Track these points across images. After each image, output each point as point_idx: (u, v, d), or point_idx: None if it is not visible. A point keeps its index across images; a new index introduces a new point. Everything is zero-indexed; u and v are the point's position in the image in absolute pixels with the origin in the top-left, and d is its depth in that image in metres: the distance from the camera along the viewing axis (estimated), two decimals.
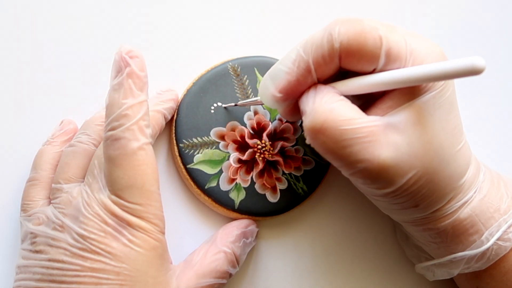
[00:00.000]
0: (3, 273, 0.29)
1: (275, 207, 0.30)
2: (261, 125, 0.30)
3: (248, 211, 0.29)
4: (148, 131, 0.24)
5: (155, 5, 0.32)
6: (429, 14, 0.34)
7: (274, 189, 0.30)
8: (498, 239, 0.24)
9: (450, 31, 0.34)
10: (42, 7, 0.32)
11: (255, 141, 0.30)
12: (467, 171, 0.25)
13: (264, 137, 0.30)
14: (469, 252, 0.25)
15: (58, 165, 0.28)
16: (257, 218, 0.30)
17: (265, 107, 0.30)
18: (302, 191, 0.30)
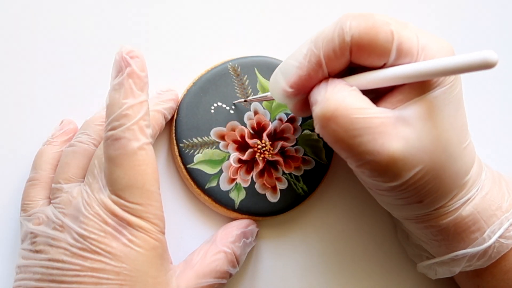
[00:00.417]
0: (3, 273, 0.29)
1: (275, 207, 0.30)
2: (261, 125, 0.30)
3: (248, 211, 0.29)
4: (149, 131, 0.24)
5: (155, 5, 0.32)
6: (433, 14, 0.34)
7: (274, 189, 0.30)
8: (500, 236, 0.24)
9: (454, 31, 0.34)
10: (42, 7, 0.32)
11: (255, 141, 0.30)
12: (471, 169, 0.25)
13: (264, 137, 0.30)
14: (470, 250, 0.25)
15: (58, 165, 0.28)
16: (257, 218, 0.30)
17: (265, 106, 0.30)
18: (302, 191, 0.30)
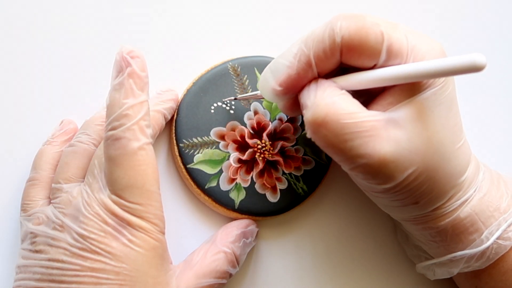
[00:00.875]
0: (3, 273, 0.29)
1: (275, 207, 0.30)
2: (261, 125, 0.30)
3: (248, 211, 0.29)
4: (149, 131, 0.24)
5: (155, 5, 0.32)
6: (429, 11, 0.34)
7: (274, 189, 0.30)
8: (498, 238, 0.24)
9: (450, 28, 0.34)
10: (42, 7, 0.32)
11: (255, 141, 0.30)
12: (467, 169, 0.25)
13: (264, 137, 0.30)
14: (469, 251, 0.25)
15: (58, 165, 0.28)
16: (257, 218, 0.30)
17: (265, 106, 0.30)
18: (302, 191, 0.30)
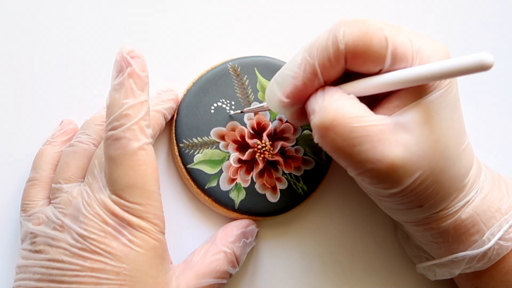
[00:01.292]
0: (3, 273, 0.29)
1: (275, 207, 0.30)
2: (261, 125, 0.30)
3: (248, 211, 0.29)
4: (149, 131, 0.24)
5: (155, 5, 0.32)
6: (428, 12, 0.34)
7: (274, 189, 0.30)
8: (500, 239, 0.24)
9: (449, 29, 0.34)
10: (42, 7, 0.32)
11: (255, 141, 0.30)
12: (470, 171, 0.25)
13: (264, 137, 0.30)
14: (470, 252, 0.25)
15: (58, 165, 0.28)
16: (257, 218, 0.30)
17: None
18: (302, 191, 0.30)
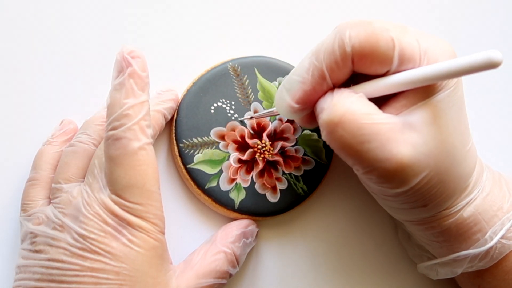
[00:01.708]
0: (3, 273, 0.29)
1: (275, 207, 0.30)
2: (261, 125, 0.30)
3: (248, 211, 0.29)
4: (149, 131, 0.24)
5: (155, 5, 0.32)
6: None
7: (274, 189, 0.30)
8: (502, 237, 0.24)
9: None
10: (42, 7, 0.32)
11: (255, 141, 0.30)
12: (474, 171, 0.25)
13: (264, 137, 0.30)
14: (472, 251, 0.25)
15: (58, 165, 0.28)
16: (257, 218, 0.30)
17: (265, 106, 0.30)
18: (302, 191, 0.30)
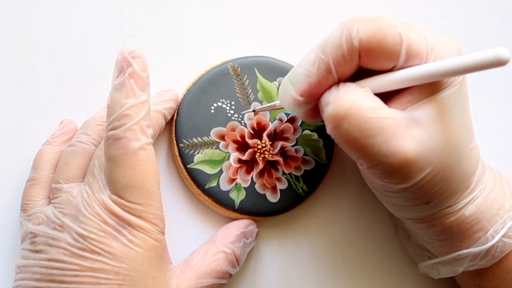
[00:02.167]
0: (3, 273, 0.29)
1: (275, 207, 0.30)
2: (261, 125, 0.30)
3: (248, 211, 0.29)
4: (149, 131, 0.24)
5: (155, 5, 0.32)
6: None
7: (274, 189, 0.30)
8: (503, 236, 0.24)
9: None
10: (42, 7, 0.32)
11: (255, 141, 0.30)
12: (477, 169, 0.25)
13: (264, 137, 0.30)
14: (474, 249, 0.25)
15: (58, 165, 0.28)
16: (257, 218, 0.30)
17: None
18: (302, 191, 0.30)
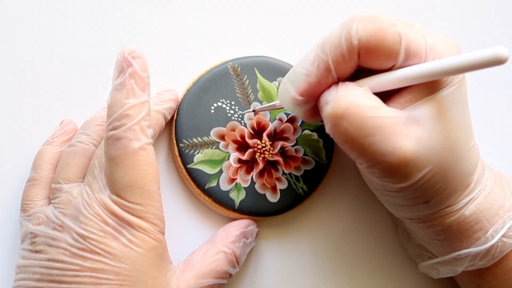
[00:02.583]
0: (3, 273, 0.29)
1: (275, 207, 0.30)
2: (261, 125, 0.30)
3: (248, 211, 0.29)
4: (150, 131, 0.24)
5: (155, 5, 0.32)
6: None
7: (274, 189, 0.30)
8: (503, 236, 0.24)
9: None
10: (42, 7, 0.32)
11: (255, 141, 0.30)
12: (476, 169, 0.25)
13: (264, 137, 0.30)
14: (473, 249, 0.25)
15: (58, 165, 0.28)
16: (257, 218, 0.30)
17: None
18: (302, 191, 0.30)
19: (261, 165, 0.30)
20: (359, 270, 0.31)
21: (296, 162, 0.30)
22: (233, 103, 0.30)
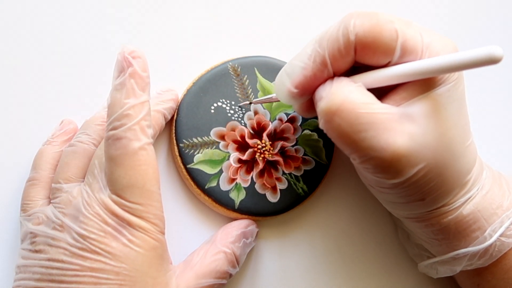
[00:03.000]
0: (3, 273, 0.29)
1: (275, 207, 0.30)
2: (261, 125, 0.30)
3: (248, 211, 0.29)
4: (150, 131, 0.24)
5: (155, 5, 0.32)
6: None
7: (274, 189, 0.30)
8: (501, 235, 0.24)
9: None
10: (42, 7, 0.32)
11: (255, 141, 0.30)
12: (473, 167, 0.25)
13: (264, 137, 0.30)
14: (472, 249, 0.25)
15: (58, 165, 0.28)
16: (257, 218, 0.30)
17: (265, 106, 0.30)
18: (302, 191, 0.30)
19: (261, 165, 0.30)
20: (359, 270, 0.31)
21: (296, 162, 0.30)
22: (233, 103, 0.30)
